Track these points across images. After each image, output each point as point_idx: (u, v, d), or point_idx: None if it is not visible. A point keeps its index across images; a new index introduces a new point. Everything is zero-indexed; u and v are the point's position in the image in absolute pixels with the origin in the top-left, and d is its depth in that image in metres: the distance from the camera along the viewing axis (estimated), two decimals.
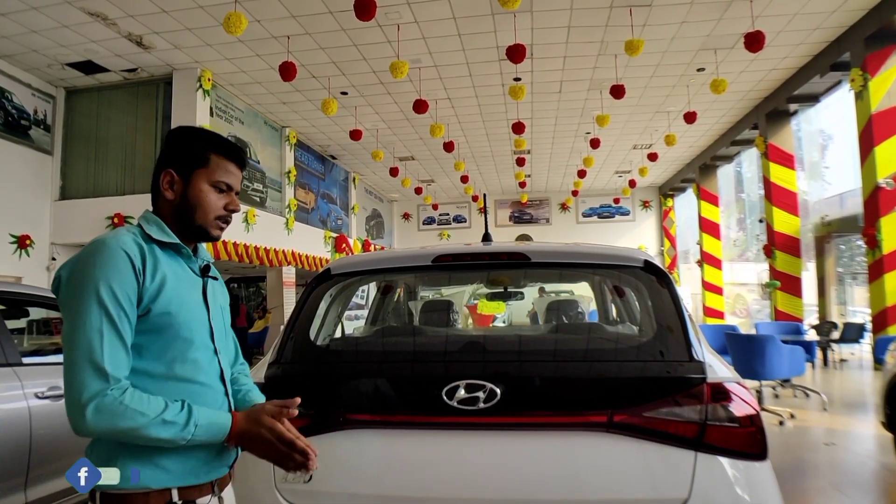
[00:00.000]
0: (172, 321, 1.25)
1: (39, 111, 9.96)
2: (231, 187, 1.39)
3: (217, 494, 1.33)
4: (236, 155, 1.41)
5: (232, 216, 1.41)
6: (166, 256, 1.30)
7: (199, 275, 1.39)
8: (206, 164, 1.35)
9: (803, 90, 10.75)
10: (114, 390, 1.13)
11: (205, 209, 1.35)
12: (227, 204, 1.39)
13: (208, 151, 1.36)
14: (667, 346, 1.73)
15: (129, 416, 1.12)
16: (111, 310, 1.16)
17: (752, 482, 1.56)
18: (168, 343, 1.25)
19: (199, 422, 1.20)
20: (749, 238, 19.54)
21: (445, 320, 3.35)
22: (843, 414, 6.53)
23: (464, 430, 1.62)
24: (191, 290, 1.34)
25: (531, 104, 11.85)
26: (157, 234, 1.30)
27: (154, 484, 1.19)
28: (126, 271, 1.20)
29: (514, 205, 21.91)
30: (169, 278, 1.27)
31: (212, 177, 1.36)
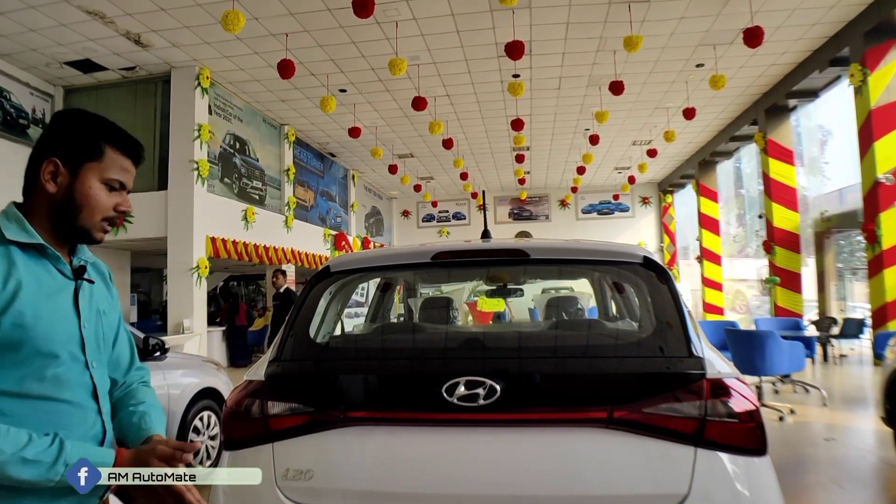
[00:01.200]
0: (28, 335, 1.08)
1: (38, 110, 9.95)
2: (124, 186, 1.25)
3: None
4: (134, 150, 1.26)
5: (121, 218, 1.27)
6: (26, 259, 1.14)
7: (70, 277, 1.21)
8: (99, 158, 1.20)
9: (802, 85, 10.75)
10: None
11: (92, 209, 1.20)
12: (117, 204, 1.23)
13: (104, 143, 1.21)
14: (666, 341, 1.73)
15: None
16: None
17: (751, 477, 1.56)
18: (24, 359, 1.08)
19: (71, 461, 1.05)
20: (748, 234, 19.54)
21: (445, 317, 3.35)
22: (843, 409, 6.54)
23: (464, 427, 1.62)
24: (56, 298, 1.16)
25: (530, 101, 11.83)
26: (15, 235, 1.13)
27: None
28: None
29: (513, 202, 21.91)
30: (25, 285, 1.10)
31: (105, 173, 1.20)
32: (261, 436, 1.72)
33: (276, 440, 1.70)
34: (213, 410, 4.65)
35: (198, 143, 9.78)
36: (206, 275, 9.80)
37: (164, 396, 4.05)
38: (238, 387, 1.86)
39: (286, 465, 1.67)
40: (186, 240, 9.61)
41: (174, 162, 9.78)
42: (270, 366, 1.83)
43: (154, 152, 10.11)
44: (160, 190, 9.88)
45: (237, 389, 1.85)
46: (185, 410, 4.25)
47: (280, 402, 1.74)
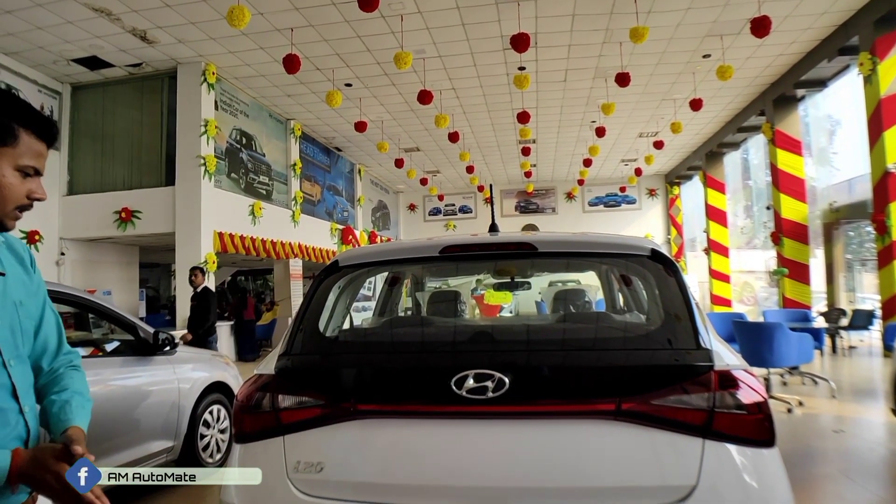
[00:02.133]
0: None
1: (46, 107, 10.00)
2: (39, 171, 1.16)
3: None
4: (50, 132, 1.18)
5: (33, 205, 1.19)
6: None
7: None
8: (13, 143, 1.11)
9: (811, 75, 10.66)
10: None
11: (4, 198, 1.12)
12: (31, 191, 1.16)
13: (18, 126, 1.12)
14: (674, 334, 1.73)
15: None
16: None
17: (759, 469, 1.56)
18: None
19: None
20: (756, 225, 19.42)
21: (453, 311, 3.36)
22: (852, 401, 6.51)
23: (473, 420, 1.63)
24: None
25: (536, 93, 11.80)
26: None
27: None
28: None
29: (519, 194, 21.87)
30: None
31: (19, 160, 1.12)
32: (272, 429, 1.74)
33: (287, 433, 1.72)
34: (223, 404, 4.68)
35: (204, 138, 9.81)
36: (214, 270, 9.85)
37: (175, 391, 4.08)
38: (249, 380, 1.88)
39: (297, 458, 1.69)
40: (194, 235, 9.66)
41: (181, 158, 9.83)
42: (281, 360, 1.84)
43: (161, 148, 10.16)
44: (167, 186, 9.93)
45: (248, 383, 1.87)
46: (195, 404, 4.28)
47: (290, 396, 1.76)
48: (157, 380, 3.96)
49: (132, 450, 3.67)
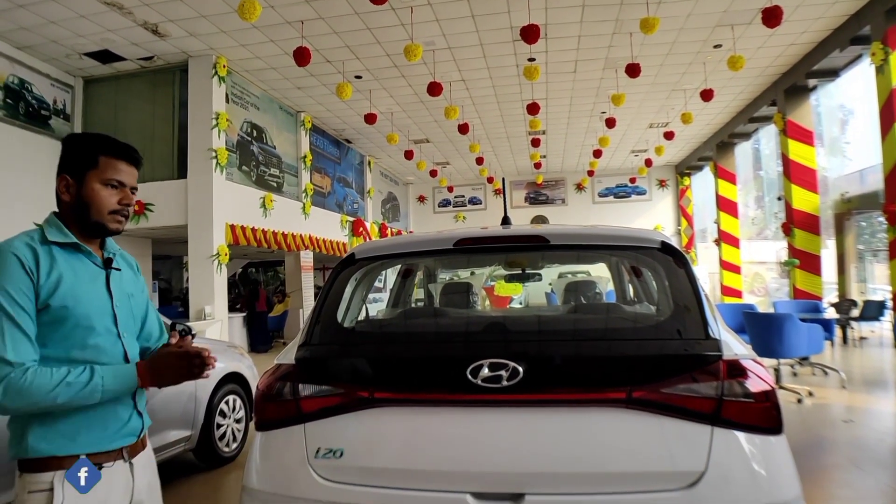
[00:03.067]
0: (70, 313, 1.40)
1: (59, 101, 10.11)
2: (123, 183, 1.52)
3: (128, 461, 1.50)
4: (124, 153, 1.53)
5: (129, 209, 1.55)
6: (65, 255, 1.45)
7: (101, 267, 1.53)
8: (95, 165, 1.49)
9: (822, 65, 10.56)
10: (16, 372, 1.30)
11: (98, 206, 1.48)
12: (120, 199, 1.52)
13: (97, 153, 1.50)
14: (684, 324, 1.78)
15: (34, 390, 1.31)
16: (7, 307, 1.33)
17: (767, 455, 1.61)
18: (68, 332, 1.41)
19: (105, 374, 1.40)
20: (767, 216, 19.32)
21: (465, 302, 3.41)
22: (863, 391, 6.52)
23: (488, 408, 1.68)
24: (92, 284, 1.48)
25: (546, 84, 11.77)
26: (55, 236, 1.45)
27: (59, 452, 1.38)
28: (18, 273, 1.36)
29: (529, 186, 21.84)
30: (66, 275, 1.42)
31: (102, 176, 1.49)
32: (293, 417, 1.80)
33: (308, 421, 1.78)
34: (238, 394, 4.77)
35: (216, 131, 9.89)
36: (226, 262, 9.95)
37: (192, 381, 4.16)
38: (269, 370, 1.94)
39: (317, 445, 1.75)
40: (206, 227, 9.75)
41: (193, 150, 9.90)
42: (300, 350, 1.90)
43: (173, 141, 10.25)
44: (180, 178, 10.02)
45: (268, 373, 1.93)
46: (211, 395, 4.37)
47: (311, 385, 1.82)
48: None
49: (152, 438, 3.73)
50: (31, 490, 1.36)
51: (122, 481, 1.48)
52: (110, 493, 1.44)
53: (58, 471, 1.37)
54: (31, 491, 1.36)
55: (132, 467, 1.51)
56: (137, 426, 1.54)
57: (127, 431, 1.50)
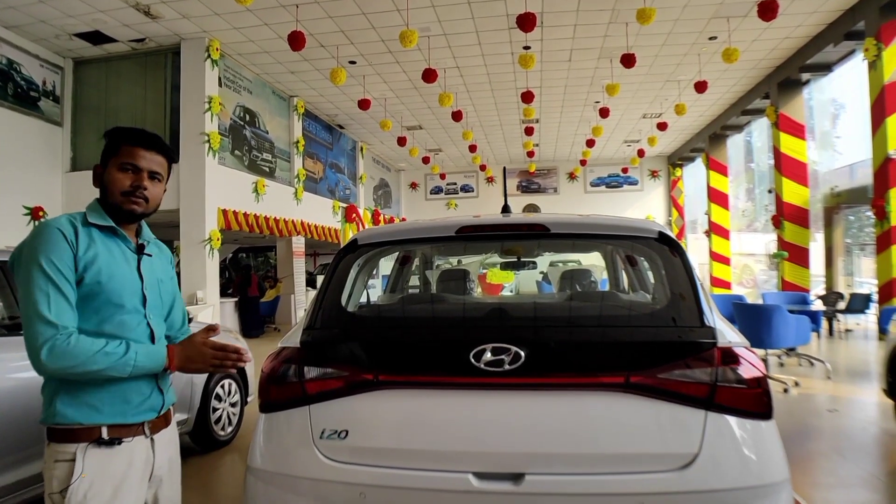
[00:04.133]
0: (102, 289, 1.49)
1: (48, 82, 9.99)
2: (138, 168, 1.58)
3: (149, 436, 1.58)
4: (142, 140, 1.60)
5: (143, 192, 1.58)
6: (103, 237, 1.55)
7: (134, 252, 1.62)
8: (116, 152, 1.58)
9: (816, 59, 10.64)
10: (62, 335, 1.39)
11: (112, 188, 1.57)
12: (132, 181, 1.57)
13: (119, 143, 1.59)
14: (679, 312, 1.83)
15: (75, 354, 1.39)
16: (52, 276, 1.42)
17: (757, 439, 1.67)
18: (99, 307, 1.49)
19: (139, 350, 1.48)
20: (758, 208, 19.47)
21: (463, 288, 3.45)
22: (847, 382, 6.64)
23: (490, 390, 1.73)
24: (124, 265, 1.57)
25: (540, 73, 11.77)
26: (94, 219, 1.55)
27: (84, 420, 1.46)
28: (62, 245, 1.45)
29: (522, 174, 21.87)
30: (101, 254, 1.51)
31: (118, 161, 1.58)
32: (298, 399, 1.83)
33: (313, 403, 1.82)
34: (234, 379, 4.80)
35: (208, 115, 9.82)
36: (218, 247, 9.93)
37: None
38: (273, 353, 1.97)
39: (322, 426, 1.79)
40: (198, 212, 9.72)
41: (185, 134, 9.83)
42: (305, 333, 1.93)
43: (165, 125, 10.16)
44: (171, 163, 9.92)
45: (272, 356, 1.96)
46: (207, 379, 4.39)
47: (316, 367, 1.85)
48: None
49: None
50: (56, 459, 1.44)
51: (143, 456, 1.54)
52: (130, 467, 1.50)
53: (81, 443, 1.45)
54: (56, 460, 1.44)
55: (153, 443, 1.58)
56: (158, 402, 1.60)
57: (148, 406, 1.56)
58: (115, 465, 1.47)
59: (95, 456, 1.45)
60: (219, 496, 3.84)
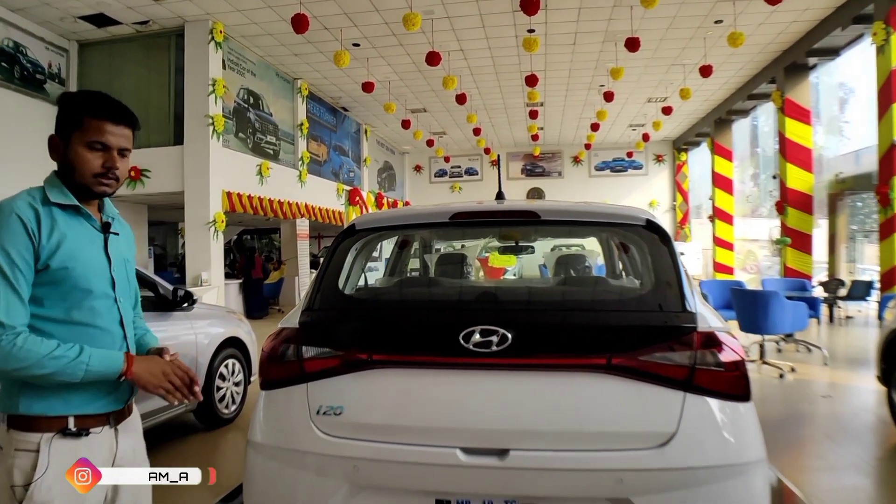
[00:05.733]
0: (69, 274, 1.40)
1: (53, 65, 10.02)
2: (107, 146, 1.46)
3: (113, 426, 1.51)
4: (111, 113, 1.47)
5: (115, 172, 1.48)
6: (66, 216, 1.43)
7: (100, 231, 1.52)
8: (79, 126, 1.44)
9: (824, 43, 10.55)
10: (8, 336, 1.30)
11: (81, 169, 1.44)
12: (104, 162, 1.46)
13: (82, 114, 1.45)
14: (663, 297, 1.89)
15: (21, 357, 1.30)
16: (6, 269, 1.32)
17: (734, 420, 1.74)
18: (67, 293, 1.40)
19: (93, 355, 1.38)
20: (762, 194, 19.41)
21: (459, 272, 3.53)
22: (844, 369, 6.71)
23: (478, 370, 1.80)
24: (90, 246, 1.47)
25: (545, 56, 11.72)
26: (56, 197, 1.43)
27: (50, 411, 1.38)
28: (19, 233, 1.34)
29: (526, 157, 21.82)
30: (67, 237, 1.41)
31: (85, 137, 1.44)
32: (296, 377, 1.92)
33: (310, 381, 1.90)
34: (237, 358, 4.90)
35: (212, 97, 9.85)
36: (222, 229, 10.02)
37: (193, 345, 4.28)
38: (273, 334, 2.05)
39: (319, 403, 1.87)
40: (203, 194, 9.79)
41: (189, 117, 9.88)
42: (303, 314, 2.01)
43: (169, 107, 10.21)
44: (176, 145, 10.01)
45: (272, 336, 2.04)
46: (211, 358, 4.50)
47: (313, 347, 1.94)
48: (177, 334, 4.15)
49: (155, 399, 3.88)
50: (18, 448, 1.36)
51: (107, 447, 1.49)
52: (94, 457, 1.44)
53: (46, 433, 1.37)
54: (18, 449, 1.36)
55: (117, 433, 1.52)
56: (125, 394, 1.54)
57: (115, 398, 1.50)
58: (80, 457, 1.41)
59: (61, 447, 1.38)
60: (222, 471, 3.95)
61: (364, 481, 1.81)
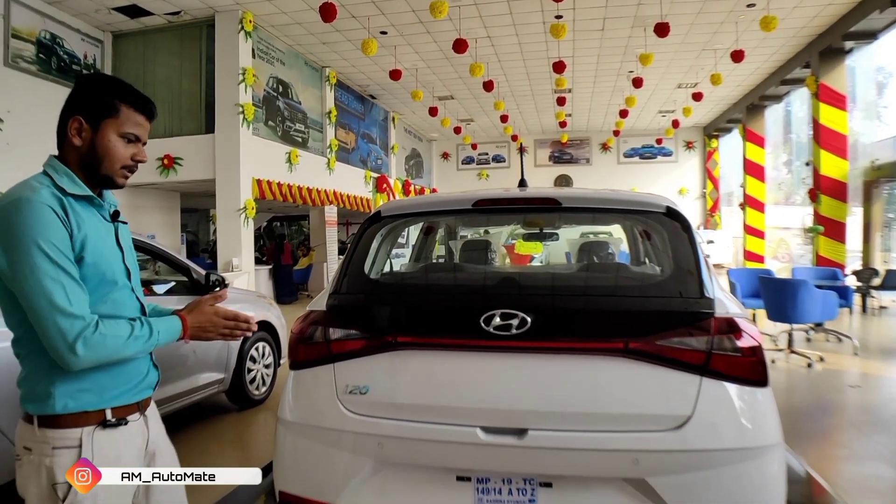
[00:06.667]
0: (97, 269, 1.36)
1: (89, 56, 10.27)
2: (139, 138, 1.45)
3: (142, 413, 1.51)
4: (146, 107, 1.45)
5: (138, 166, 1.48)
6: (81, 207, 1.38)
7: (109, 221, 1.48)
8: (115, 115, 1.40)
9: (860, 26, 10.23)
10: (90, 326, 1.28)
11: (112, 159, 1.41)
12: (134, 154, 1.45)
13: (119, 101, 1.41)
14: (682, 283, 1.93)
15: (108, 343, 1.31)
16: (59, 260, 1.27)
17: (751, 405, 1.77)
18: (96, 286, 1.37)
19: (160, 329, 1.42)
20: (796, 181, 18.98)
21: (484, 258, 3.59)
22: (875, 359, 6.60)
23: (498, 353, 1.87)
24: (106, 238, 1.43)
25: (573, 42, 11.61)
26: (70, 188, 1.36)
27: (87, 407, 1.36)
28: (57, 225, 1.29)
29: (553, 145, 21.67)
30: (89, 229, 1.37)
31: (121, 128, 1.41)
32: (323, 357, 2.01)
33: (337, 361, 1.99)
34: (267, 342, 5.05)
35: (242, 86, 10.01)
36: (252, 215, 10.22)
37: None
38: (302, 316, 2.14)
39: (345, 382, 1.96)
40: (234, 182, 9.99)
41: (220, 106, 10.06)
42: (331, 298, 2.10)
43: (201, 96, 10.40)
44: (207, 133, 10.21)
45: (301, 319, 2.13)
46: (242, 341, 4.64)
47: (340, 329, 2.03)
48: None
49: (189, 379, 4.05)
50: (56, 446, 1.34)
51: (141, 434, 1.50)
52: (132, 444, 1.46)
53: (86, 426, 1.36)
54: (56, 447, 1.34)
55: (146, 419, 1.53)
56: (154, 379, 1.56)
57: (145, 385, 1.51)
58: (121, 447, 1.43)
59: (102, 439, 1.38)
60: (252, 448, 4.11)
61: (388, 458, 1.89)
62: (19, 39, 8.84)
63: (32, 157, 7.96)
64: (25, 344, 1.36)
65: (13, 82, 8.75)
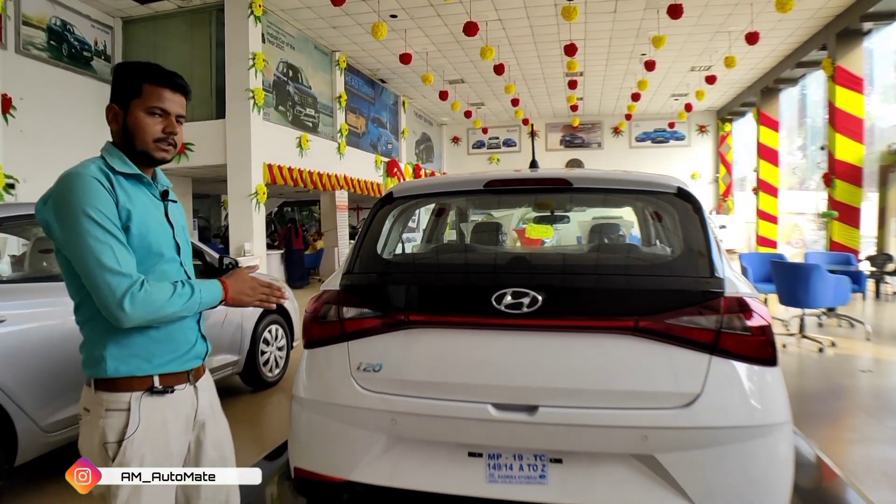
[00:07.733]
0: (144, 240, 1.46)
1: (99, 42, 10.30)
2: (167, 111, 1.53)
3: (193, 383, 1.59)
4: (168, 80, 1.54)
5: (174, 138, 1.55)
6: (130, 185, 1.49)
7: (159, 199, 1.59)
8: (139, 94, 1.51)
9: (880, 7, 10.04)
10: (136, 284, 1.37)
11: (142, 134, 1.50)
12: (164, 127, 1.53)
13: (140, 81, 1.51)
14: (693, 263, 1.94)
15: (153, 301, 1.39)
16: (106, 225, 1.37)
17: (759, 383, 1.79)
18: (143, 257, 1.46)
19: (202, 289, 1.49)
20: (810, 165, 18.74)
21: (495, 240, 3.61)
22: (887, 344, 6.56)
23: (509, 331, 1.89)
24: (155, 214, 1.53)
25: (584, 25, 11.49)
26: (120, 167, 1.48)
27: (136, 372, 1.45)
28: (104, 195, 1.40)
29: (565, 128, 21.52)
30: (136, 203, 1.47)
31: (146, 104, 1.50)
32: (337, 336, 2.04)
33: (351, 339, 2.03)
34: (280, 325, 5.11)
35: (253, 71, 10.01)
36: (264, 200, 10.27)
37: (238, 311, 4.48)
38: (315, 296, 2.18)
39: (359, 360, 1.99)
40: (245, 167, 10.03)
41: (231, 91, 10.08)
42: (344, 278, 2.13)
43: (211, 81, 10.42)
44: (218, 118, 10.24)
45: (314, 298, 2.17)
46: (255, 324, 4.70)
47: (354, 308, 2.06)
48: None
49: None
50: (109, 408, 1.43)
51: (189, 403, 1.57)
52: (179, 413, 1.54)
53: (135, 391, 1.45)
54: (108, 409, 1.43)
55: (196, 390, 1.60)
56: (202, 350, 1.63)
57: (194, 354, 1.58)
58: (167, 414, 1.50)
59: (150, 405, 1.46)
60: (266, 428, 4.18)
61: (401, 434, 1.93)
62: (30, 26, 8.88)
63: (46, 144, 8.01)
64: (83, 311, 1.47)
65: (25, 69, 8.79)
